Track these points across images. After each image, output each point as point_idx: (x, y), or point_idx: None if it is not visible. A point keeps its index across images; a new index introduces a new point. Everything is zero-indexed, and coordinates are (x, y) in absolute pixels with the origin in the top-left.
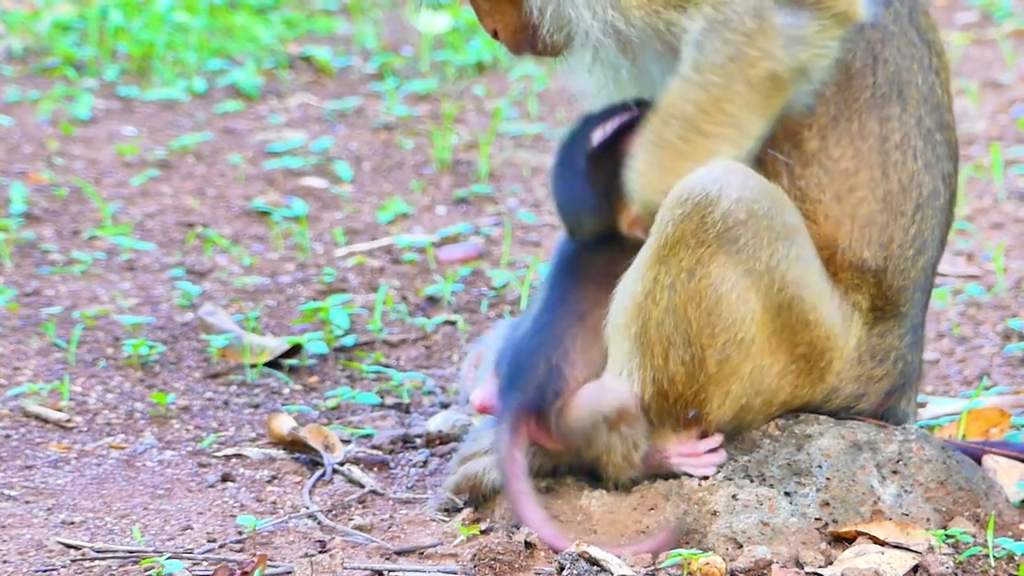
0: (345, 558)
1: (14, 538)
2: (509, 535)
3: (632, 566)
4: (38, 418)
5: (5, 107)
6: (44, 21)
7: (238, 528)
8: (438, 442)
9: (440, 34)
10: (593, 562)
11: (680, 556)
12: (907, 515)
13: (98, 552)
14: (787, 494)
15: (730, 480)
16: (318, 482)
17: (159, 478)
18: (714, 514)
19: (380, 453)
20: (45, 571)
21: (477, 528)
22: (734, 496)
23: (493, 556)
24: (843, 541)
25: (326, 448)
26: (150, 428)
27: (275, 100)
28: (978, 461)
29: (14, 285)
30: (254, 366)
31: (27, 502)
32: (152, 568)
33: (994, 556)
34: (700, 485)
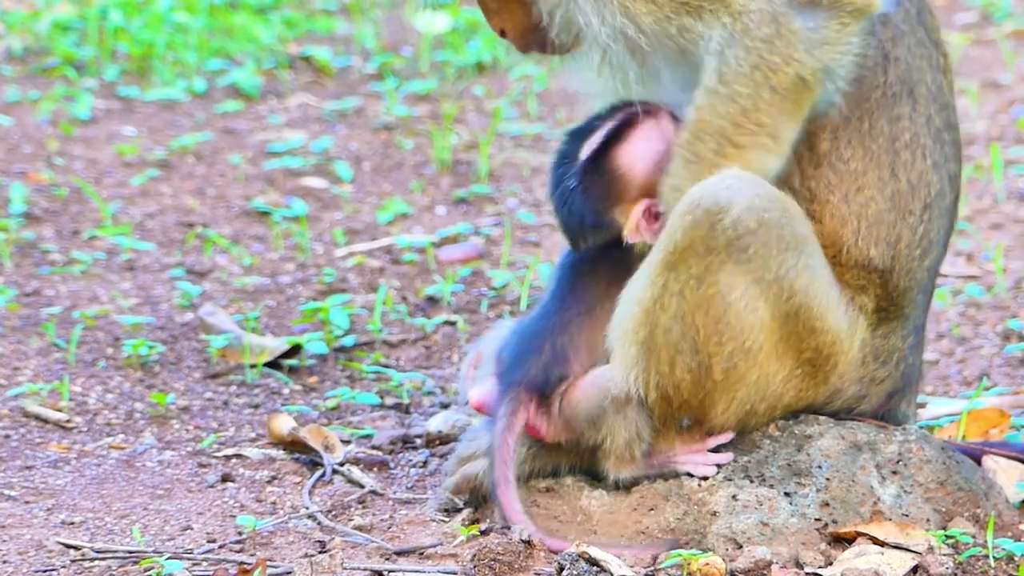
0: (345, 558)
1: (14, 538)
2: (509, 535)
3: (632, 566)
4: (38, 418)
5: (5, 107)
6: (44, 21)
7: (238, 528)
8: (438, 442)
9: (440, 34)
10: (593, 562)
11: (680, 556)
12: (907, 515)
13: (98, 552)
14: (787, 494)
15: (730, 480)
16: (318, 482)
17: (159, 478)
18: (714, 514)
19: (380, 453)
20: (45, 571)
21: (477, 528)
22: (734, 496)
23: (493, 556)
24: (843, 541)
25: (326, 448)
26: (150, 428)
27: (275, 100)
28: (978, 462)
29: (14, 285)
30: (254, 366)
31: (27, 502)
32: (152, 568)
33: (994, 557)
34: (700, 486)
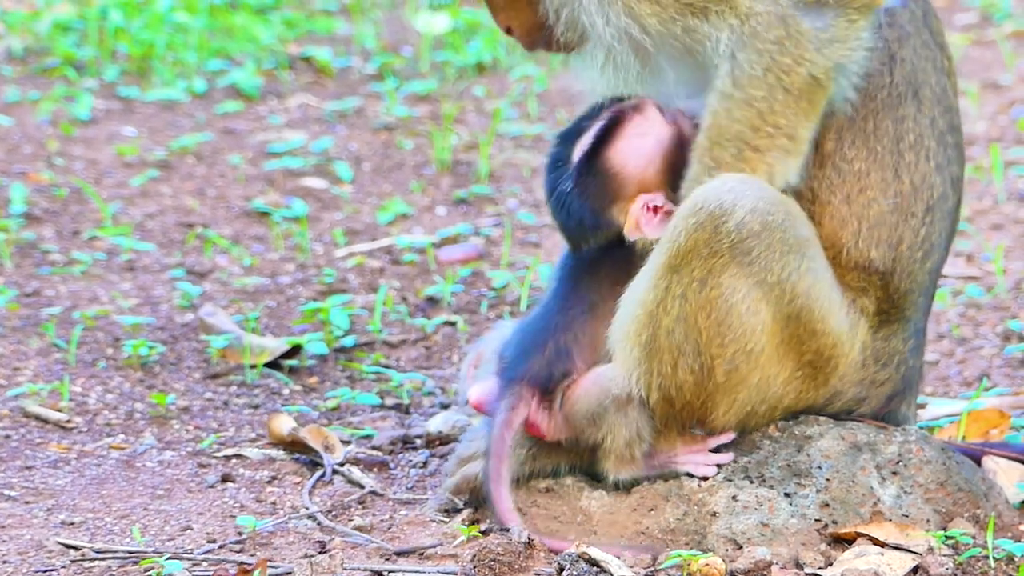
0: (345, 559)
1: (14, 538)
2: (509, 536)
3: (632, 567)
4: (38, 418)
5: (5, 107)
6: (44, 21)
7: (238, 528)
8: (438, 443)
9: (440, 34)
10: (593, 563)
11: (680, 557)
12: (907, 516)
13: (98, 552)
14: (787, 495)
15: (730, 481)
16: (318, 483)
17: (159, 478)
18: (714, 515)
19: (380, 454)
20: (45, 571)
21: (477, 529)
22: (734, 497)
23: (493, 557)
24: (843, 542)
25: (326, 449)
26: (150, 428)
27: (275, 100)
28: (978, 462)
29: (14, 285)
30: (254, 367)
31: (27, 502)
32: (152, 568)
33: (994, 557)
34: (700, 486)
